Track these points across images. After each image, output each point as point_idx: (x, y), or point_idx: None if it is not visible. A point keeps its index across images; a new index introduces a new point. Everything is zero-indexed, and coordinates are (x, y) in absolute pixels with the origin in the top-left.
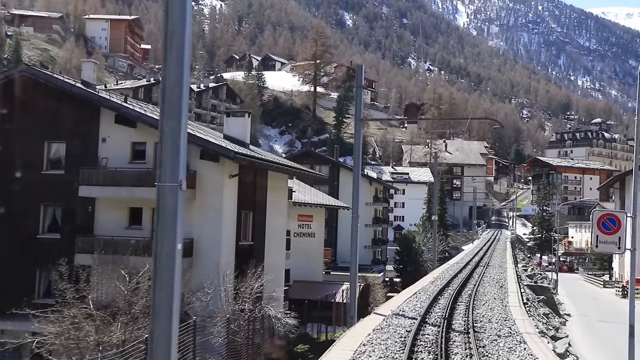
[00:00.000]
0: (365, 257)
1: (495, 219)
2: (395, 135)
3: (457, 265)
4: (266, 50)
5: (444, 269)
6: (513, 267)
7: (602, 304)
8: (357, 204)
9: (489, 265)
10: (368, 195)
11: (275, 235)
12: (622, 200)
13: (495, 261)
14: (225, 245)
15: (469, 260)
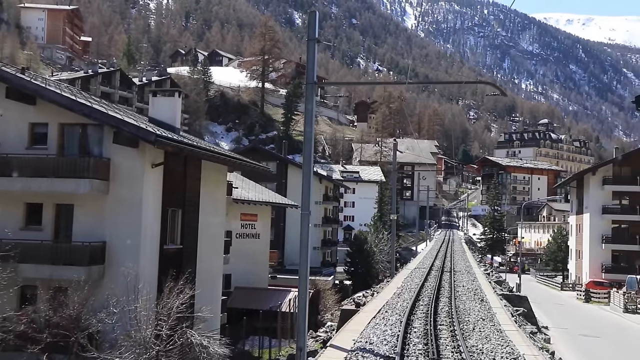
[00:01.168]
0: (315, 259)
1: (445, 219)
2: (345, 133)
3: (420, 272)
4: (213, 46)
5: (406, 275)
6: (481, 272)
7: (571, 312)
8: (309, 197)
9: (456, 270)
10: (318, 194)
11: (211, 237)
12: (580, 199)
13: (460, 266)
14: (146, 249)
15: (430, 265)
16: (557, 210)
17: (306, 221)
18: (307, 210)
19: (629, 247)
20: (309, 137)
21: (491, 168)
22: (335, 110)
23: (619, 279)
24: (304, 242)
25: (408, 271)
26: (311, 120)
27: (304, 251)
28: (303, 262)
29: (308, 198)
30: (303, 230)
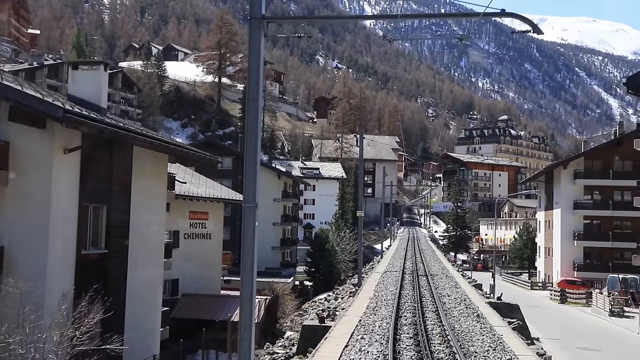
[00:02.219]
0: (273, 259)
1: (406, 216)
2: (305, 129)
3: (392, 276)
4: (170, 42)
5: (377, 281)
6: (460, 275)
7: (552, 316)
8: (255, 184)
9: (432, 274)
10: (276, 191)
11: (147, 239)
12: (550, 195)
13: (435, 268)
14: (56, 255)
15: (402, 267)
16: (519, 207)
17: (251, 216)
18: (252, 203)
19: (601, 243)
20: (255, 98)
21: (452, 164)
22: (294, 106)
23: (591, 277)
24: (247, 243)
25: (378, 275)
26: (258, 73)
27: (248, 256)
28: (247, 269)
29: (254, 186)
30: (247, 229)
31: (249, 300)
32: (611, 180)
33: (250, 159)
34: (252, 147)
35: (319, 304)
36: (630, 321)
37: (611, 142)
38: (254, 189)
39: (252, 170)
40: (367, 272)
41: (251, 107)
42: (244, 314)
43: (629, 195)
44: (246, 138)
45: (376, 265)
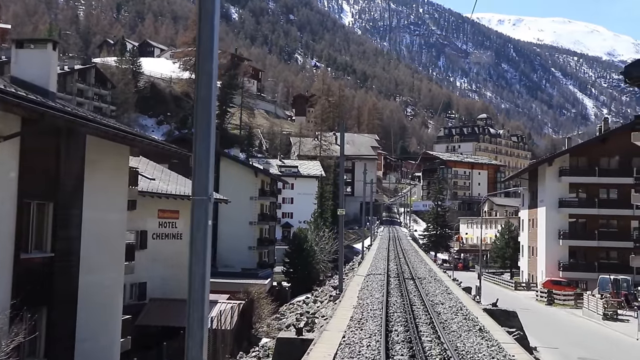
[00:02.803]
0: (250, 260)
1: (386, 215)
2: (283, 127)
3: (376, 280)
4: (146, 38)
5: (360, 285)
6: (449, 279)
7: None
8: (208, 169)
9: (419, 277)
10: (253, 188)
11: (104, 240)
12: (534, 192)
13: (422, 271)
14: None
15: (386, 269)
16: (499, 205)
17: (203, 212)
18: (204, 195)
19: (586, 242)
20: (208, 50)
21: (432, 163)
22: (272, 104)
23: (577, 277)
24: (197, 243)
25: (360, 279)
26: (212, 29)
27: (198, 260)
28: (197, 280)
29: (206, 175)
30: (197, 228)
31: (199, 309)
32: (597, 178)
33: (202, 140)
34: (203, 125)
35: (297, 307)
36: (625, 325)
37: (597, 139)
38: (207, 178)
39: (204, 155)
40: (348, 274)
41: (203, 64)
42: (191, 324)
43: (615, 193)
44: (196, 113)
45: (358, 267)
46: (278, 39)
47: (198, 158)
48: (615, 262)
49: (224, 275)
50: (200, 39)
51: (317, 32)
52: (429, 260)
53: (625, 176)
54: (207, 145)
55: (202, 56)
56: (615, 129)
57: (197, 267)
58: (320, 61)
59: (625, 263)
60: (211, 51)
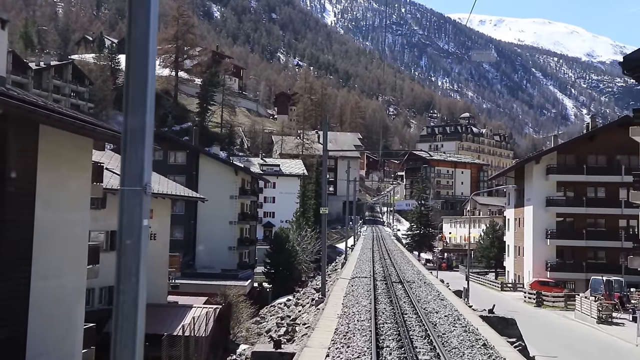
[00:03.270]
0: (230, 260)
1: (369, 214)
2: (265, 125)
3: (362, 284)
4: None
5: (345, 290)
6: (440, 282)
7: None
8: (144, 155)
9: (407, 280)
10: (233, 187)
11: (63, 242)
12: (520, 191)
13: (410, 273)
14: None
15: (372, 272)
16: (482, 205)
17: (137, 205)
18: (137, 185)
19: (574, 242)
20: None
21: (415, 162)
22: (254, 102)
23: (564, 277)
24: (129, 253)
25: (345, 282)
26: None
27: (126, 281)
28: (127, 302)
29: (142, 159)
30: (130, 223)
31: (131, 318)
32: (585, 176)
33: (135, 110)
34: (136, 88)
35: (279, 310)
36: (621, 329)
37: (584, 136)
38: (141, 162)
39: (138, 132)
40: (331, 275)
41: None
42: (118, 333)
43: (603, 192)
44: (128, 67)
45: (342, 269)
46: (260, 38)
47: (129, 135)
48: (602, 262)
49: (203, 277)
50: None
51: (299, 31)
52: (416, 261)
53: (613, 174)
54: (142, 118)
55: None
56: (604, 126)
57: (126, 285)
58: (302, 60)
59: (614, 263)
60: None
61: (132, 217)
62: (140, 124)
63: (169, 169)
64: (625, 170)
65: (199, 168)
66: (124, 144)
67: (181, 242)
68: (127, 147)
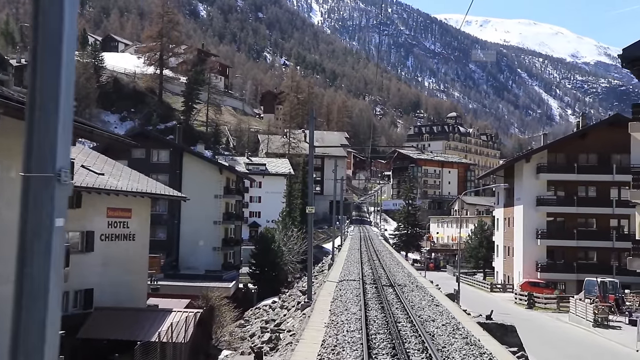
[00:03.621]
0: (214, 261)
1: (356, 214)
2: (251, 124)
3: (350, 288)
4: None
5: (332, 294)
6: (433, 286)
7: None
8: (56, 135)
9: (398, 283)
10: (217, 186)
11: None
12: (510, 190)
13: (400, 276)
14: None
15: (360, 274)
16: (469, 204)
17: (49, 198)
18: (49, 170)
19: (565, 242)
20: None
21: (402, 161)
22: (240, 101)
23: (555, 278)
24: (36, 262)
25: (332, 286)
26: None
27: (35, 299)
28: (33, 323)
29: (54, 141)
30: (33, 230)
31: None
32: (576, 175)
33: (44, 72)
34: (47, 47)
35: (264, 312)
36: (618, 333)
37: (576, 134)
38: (54, 140)
39: (47, 100)
40: (318, 277)
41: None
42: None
43: (594, 191)
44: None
45: (329, 271)
46: (247, 37)
47: (36, 98)
48: (593, 263)
49: (186, 278)
50: None
51: (286, 30)
52: (405, 262)
53: (605, 173)
54: (53, 75)
55: None
56: (595, 125)
57: (31, 309)
58: (289, 60)
59: (605, 263)
60: None
61: (39, 214)
62: (51, 83)
63: (151, 167)
64: (617, 169)
65: (182, 167)
66: (28, 111)
67: (164, 243)
68: (33, 117)
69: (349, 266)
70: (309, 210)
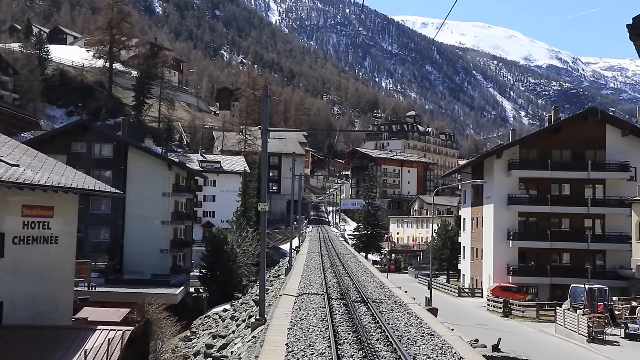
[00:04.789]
0: (162, 264)
1: (314, 214)
2: (206, 121)
3: (313, 305)
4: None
5: (291, 312)
6: (408, 297)
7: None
8: None
9: (372, 300)
10: (166, 184)
11: None
12: (478, 188)
13: (371, 287)
14: None
15: (324, 284)
16: (429, 204)
17: None
18: None
19: (538, 244)
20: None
21: (361, 160)
22: (195, 97)
23: (527, 282)
24: None
25: (291, 303)
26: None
27: None
28: None
29: None
30: None
31: None
32: (550, 172)
33: None
34: None
35: (213, 322)
36: (619, 350)
37: (549, 129)
38: None
39: None
40: (274, 283)
41: None
42: None
43: (568, 189)
44: None
45: (287, 279)
46: (204, 35)
47: None
48: (567, 266)
49: (130, 284)
50: None
51: (243, 29)
52: (374, 269)
53: (579, 170)
54: None
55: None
56: (570, 118)
57: None
58: (246, 58)
59: (579, 266)
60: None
61: None
62: None
63: (94, 163)
64: (592, 166)
65: (127, 162)
66: None
67: (107, 245)
68: None
69: (310, 274)
70: (262, 208)
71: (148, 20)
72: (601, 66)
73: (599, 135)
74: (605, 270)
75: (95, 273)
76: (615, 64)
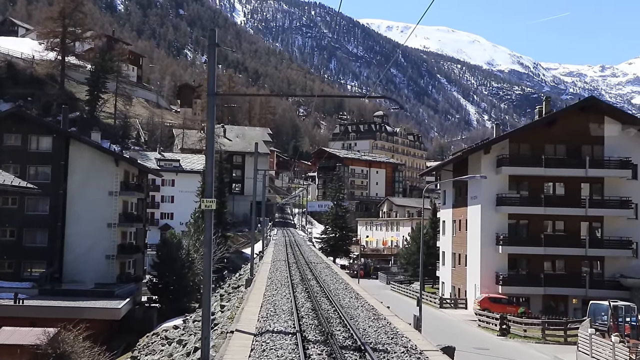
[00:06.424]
0: (108, 272)
1: (279, 216)
2: (166, 118)
3: (281, 320)
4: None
5: (252, 344)
6: (391, 313)
7: None
8: None
9: (350, 314)
10: (113, 181)
11: None
12: (461, 188)
13: (344, 297)
14: None
15: (293, 301)
16: (399, 206)
17: None
18: None
19: (530, 249)
20: None
21: (328, 161)
22: (154, 93)
23: (518, 292)
24: None
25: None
26: None
27: None
28: None
29: None
30: None
31: None
32: (543, 169)
33: None
34: None
35: (160, 344)
36: None
37: (542, 121)
38: None
39: None
40: (232, 297)
41: None
42: None
43: (563, 188)
44: None
45: (249, 293)
46: (167, 33)
47: None
48: (562, 273)
49: (68, 295)
50: None
51: (207, 28)
52: (349, 278)
53: (576, 167)
54: None
55: None
56: (565, 109)
57: None
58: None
59: (575, 274)
60: None
61: None
62: None
63: (29, 157)
64: (590, 162)
65: (69, 157)
66: None
67: (44, 250)
68: None
69: (275, 294)
70: (207, 206)
71: (109, 17)
72: (560, 71)
73: (596, 128)
74: (604, 278)
75: (28, 282)
76: (574, 70)
